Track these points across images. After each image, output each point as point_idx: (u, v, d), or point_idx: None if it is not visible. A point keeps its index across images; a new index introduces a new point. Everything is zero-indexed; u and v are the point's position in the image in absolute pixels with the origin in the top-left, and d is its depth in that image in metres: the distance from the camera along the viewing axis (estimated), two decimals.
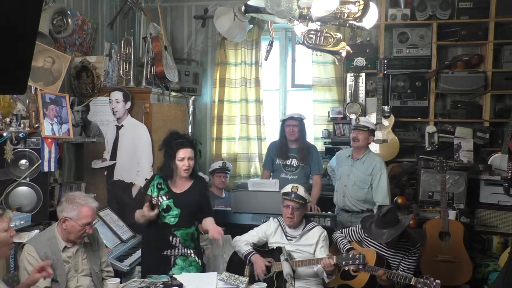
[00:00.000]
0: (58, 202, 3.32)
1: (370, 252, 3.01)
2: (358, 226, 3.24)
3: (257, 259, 2.95)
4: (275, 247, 3.01)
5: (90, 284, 2.53)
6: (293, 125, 3.94)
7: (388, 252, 3.05)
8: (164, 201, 2.91)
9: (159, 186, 2.95)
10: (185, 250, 2.93)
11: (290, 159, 4.01)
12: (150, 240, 2.99)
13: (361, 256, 2.72)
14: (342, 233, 3.26)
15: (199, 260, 2.99)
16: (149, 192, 2.95)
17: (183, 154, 2.89)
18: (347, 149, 3.85)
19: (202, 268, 3.05)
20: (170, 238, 2.89)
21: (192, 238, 2.97)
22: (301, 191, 3.00)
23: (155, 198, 2.92)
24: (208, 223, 2.99)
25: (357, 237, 3.20)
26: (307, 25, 2.67)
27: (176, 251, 2.91)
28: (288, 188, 3.04)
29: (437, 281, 2.57)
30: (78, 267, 2.51)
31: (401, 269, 2.97)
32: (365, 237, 3.15)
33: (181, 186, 2.98)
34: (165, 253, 2.90)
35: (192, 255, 2.95)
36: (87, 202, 2.50)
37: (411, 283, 2.68)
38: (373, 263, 2.92)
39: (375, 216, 3.11)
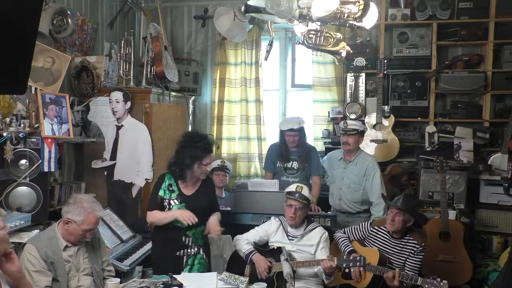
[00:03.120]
0: (58, 202, 3.34)
1: (372, 251, 3.00)
2: (363, 224, 3.22)
3: (259, 258, 2.95)
4: (275, 247, 3.01)
5: (92, 283, 2.53)
6: (293, 135, 3.92)
7: (393, 250, 3.03)
8: (176, 205, 2.90)
9: (170, 188, 2.93)
10: (196, 248, 2.96)
11: (291, 162, 4.01)
12: (162, 242, 2.96)
13: (362, 258, 2.71)
14: (344, 232, 3.24)
15: (206, 258, 3.02)
16: (160, 193, 2.92)
17: (209, 160, 2.91)
18: (339, 151, 3.83)
19: (208, 266, 3.06)
20: (183, 239, 2.91)
21: (202, 236, 2.99)
22: (305, 191, 3.00)
23: (167, 200, 2.91)
24: (210, 219, 2.97)
25: (360, 235, 3.18)
26: (307, 25, 2.67)
27: (189, 250, 2.93)
28: (292, 188, 3.04)
29: (444, 281, 2.56)
30: (80, 266, 2.51)
31: (407, 269, 2.96)
32: (370, 235, 3.13)
33: (192, 187, 2.97)
34: (177, 253, 2.91)
35: (201, 251, 2.98)
36: (94, 209, 2.49)
37: (418, 283, 2.67)
38: (375, 263, 2.90)
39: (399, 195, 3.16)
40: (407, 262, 2.99)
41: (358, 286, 2.96)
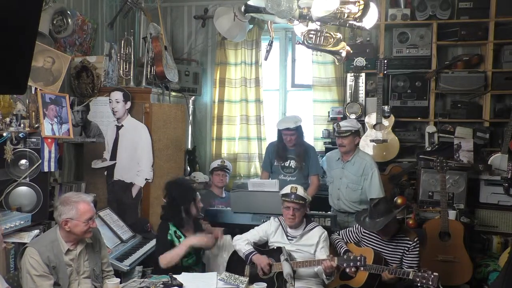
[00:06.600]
0: None
1: (367, 251, 3.02)
2: (355, 226, 3.24)
3: (259, 257, 2.96)
4: (275, 247, 3.01)
5: (92, 286, 2.53)
6: (290, 134, 3.90)
7: (387, 249, 3.04)
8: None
9: (176, 234, 3.02)
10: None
11: (289, 161, 3.99)
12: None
13: (362, 257, 2.72)
14: (339, 235, 3.26)
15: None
16: (169, 238, 2.99)
17: (199, 196, 3.18)
18: (337, 151, 3.80)
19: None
20: (190, 272, 2.96)
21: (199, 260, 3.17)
22: (301, 191, 3.00)
23: (177, 245, 2.99)
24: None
25: (354, 237, 3.20)
26: (307, 25, 2.68)
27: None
28: (287, 189, 3.03)
29: (435, 273, 2.60)
30: (80, 269, 2.50)
31: (405, 266, 2.96)
32: (363, 237, 3.15)
33: (191, 230, 3.10)
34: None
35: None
36: (81, 198, 2.50)
37: (410, 277, 2.70)
38: (370, 262, 2.91)
39: (368, 208, 3.14)
40: (403, 260, 3.00)
41: (355, 286, 2.97)
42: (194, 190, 3.15)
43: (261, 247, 3.10)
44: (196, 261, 3.06)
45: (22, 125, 2.81)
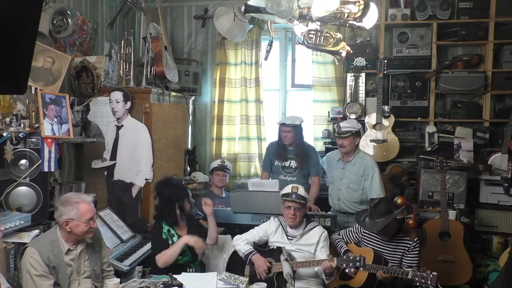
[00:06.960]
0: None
1: (367, 251, 3.02)
2: (355, 226, 3.24)
3: (258, 259, 2.95)
4: (275, 247, 3.01)
5: (92, 286, 2.53)
6: (286, 131, 3.90)
7: (387, 249, 3.04)
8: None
9: (170, 233, 3.02)
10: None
11: (289, 161, 3.99)
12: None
13: (362, 258, 2.72)
14: (339, 235, 3.26)
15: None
16: (164, 237, 3.00)
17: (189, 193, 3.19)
18: (337, 152, 3.80)
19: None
20: (187, 269, 2.97)
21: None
22: (301, 191, 3.00)
23: (171, 244, 2.99)
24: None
25: (354, 237, 3.20)
26: (307, 25, 2.68)
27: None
28: (288, 189, 3.03)
29: (433, 273, 2.60)
30: (81, 269, 2.50)
31: (405, 266, 2.96)
32: (362, 237, 3.15)
33: (184, 228, 3.10)
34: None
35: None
36: (82, 198, 2.51)
37: (409, 277, 2.69)
38: (370, 262, 2.91)
39: (368, 208, 3.14)
40: (403, 260, 3.00)
41: (354, 286, 2.97)
42: (186, 187, 3.17)
43: (261, 247, 3.10)
44: (192, 258, 3.05)
45: (22, 125, 2.81)
